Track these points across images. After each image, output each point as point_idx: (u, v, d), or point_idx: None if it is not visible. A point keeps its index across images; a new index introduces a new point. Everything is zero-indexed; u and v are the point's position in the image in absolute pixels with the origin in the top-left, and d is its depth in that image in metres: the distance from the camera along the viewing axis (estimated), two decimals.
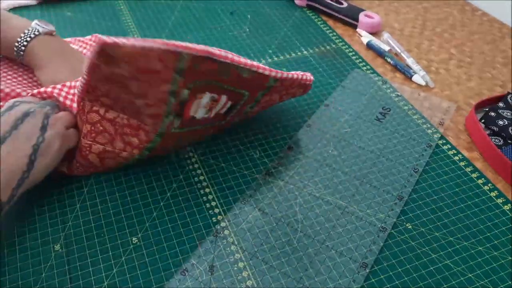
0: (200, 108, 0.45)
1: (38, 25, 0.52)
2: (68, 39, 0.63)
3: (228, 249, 0.42)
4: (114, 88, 0.41)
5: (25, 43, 0.51)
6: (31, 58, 0.52)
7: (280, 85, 0.48)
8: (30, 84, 0.55)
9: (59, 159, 0.44)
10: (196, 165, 0.50)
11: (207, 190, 0.48)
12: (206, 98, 0.44)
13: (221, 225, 0.44)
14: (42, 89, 0.48)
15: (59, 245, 0.42)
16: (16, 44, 0.52)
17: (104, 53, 0.37)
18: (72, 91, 0.49)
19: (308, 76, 0.51)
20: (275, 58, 0.67)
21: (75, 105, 0.47)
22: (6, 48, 0.53)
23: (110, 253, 0.42)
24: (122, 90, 0.40)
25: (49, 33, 0.53)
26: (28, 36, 0.51)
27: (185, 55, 0.38)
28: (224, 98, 0.46)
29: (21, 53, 0.52)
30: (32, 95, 0.48)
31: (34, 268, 0.40)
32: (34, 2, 0.77)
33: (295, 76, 0.49)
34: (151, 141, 0.44)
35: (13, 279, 0.39)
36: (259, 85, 0.46)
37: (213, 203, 0.46)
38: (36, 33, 0.52)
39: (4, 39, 0.52)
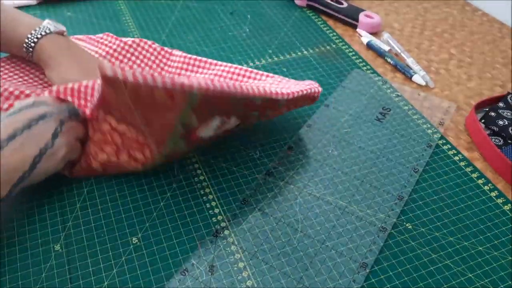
0: (209, 129, 0.45)
1: (50, 24, 0.52)
2: (79, 36, 0.63)
3: (228, 249, 0.42)
4: (124, 108, 0.40)
5: (35, 39, 0.51)
6: (41, 56, 0.52)
7: (290, 102, 0.49)
8: (37, 84, 0.55)
9: (59, 168, 0.44)
10: (196, 165, 0.50)
11: (207, 190, 0.48)
12: (216, 121, 0.44)
13: (221, 225, 0.44)
14: (54, 88, 0.48)
15: (59, 245, 0.42)
16: (26, 40, 0.51)
17: (108, 80, 0.36)
18: (83, 90, 0.48)
19: (316, 88, 0.51)
20: (275, 58, 0.67)
21: (87, 110, 0.47)
22: (16, 46, 0.52)
23: (110, 253, 0.42)
24: (130, 113, 0.40)
25: (60, 33, 0.53)
26: (39, 33, 0.51)
27: (196, 95, 0.37)
28: (233, 119, 0.46)
29: (30, 49, 0.52)
30: (49, 92, 0.48)
31: (34, 268, 0.40)
32: (34, 2, 0.77)
33: (305, 92, 0.49)
34: (155, 159, 0.44)
35: (13, 279, 0.39)
36: (270, 106, 0.47)
37: (213, 203, 0.46)
38: (47, 31, 0.51)
39: (14, 35, 0.52)
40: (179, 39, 0.71)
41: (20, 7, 0.76)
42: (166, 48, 0.63)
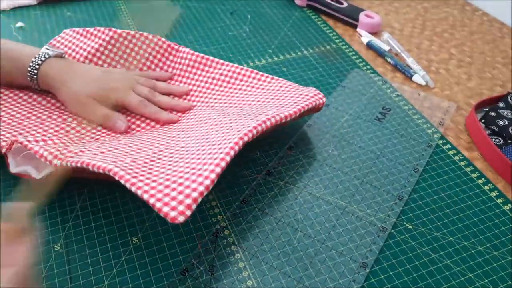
0: None
1: (48, 49, 0.53)
2: (78, 30, 0.62)
3: (228, 249, 0.42)
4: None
5: (36, 66, 0.52)
6: (46, 82, 0.53)
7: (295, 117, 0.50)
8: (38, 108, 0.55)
9: None
10: None
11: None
12: None
13: (221, 225, 0.44)
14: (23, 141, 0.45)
15: (59, 245, 0.42)
16: (29, 69, 0.52)
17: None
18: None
19: (320, 99, 0.52)
20: (275, 58, 0.67)
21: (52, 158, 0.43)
22: (20, 77, 0.53)
23: (110, 253, 0.42)
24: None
25: (59, 56, 0.54)
26: (39, 60, 0.52)
27: None
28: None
29: (35, 77, 0.52)
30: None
31: (34, 268, 0.40)
32: (34, 2, 0.77)
33: (310, 105, 0.50)
34: None
35: None
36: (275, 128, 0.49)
37: (213, 203, 0.46)
38: (46, 56, 0.52)
39: (17, 67, 0.53)
40: (179, 39, 0.71)
41: (20, 7, 0.76)
42: (174, 45, 0.63)
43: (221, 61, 0.59)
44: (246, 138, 0.43)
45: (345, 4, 0.76)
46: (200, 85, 0.59)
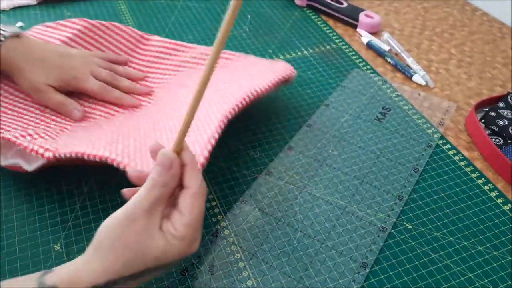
0: None
1: (2, 30, 0.51)
2: (49, 24, 0.61)
3: (228, 249, 0.42)
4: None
5: None
6: (5, 66, 0.51)
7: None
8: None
9: None
10: None
11: (207, 190, 0.47)
12: None
13: (221, 225, 0.44)
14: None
15: (59, 245, 0.42)
16: None
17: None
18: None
19: (288, 71, 0.53)
20: (275, 58, 0.67)
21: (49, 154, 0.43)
22: None
23: None
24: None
25: (15, 36, 0.51)
26: None
27: None
28: None
29: None
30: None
31: (34, 268, 0.40)
32: (34, 2, 0.77)
33: (275, 83, 0.50)
34: None
35: None
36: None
37: (213, 203, 0.46)
38: (2, 38, 0.50)
39: None
40: (179, 39, 0.71)
41: (20, 7, 0.76)
42: (145, 35, 0.64)
43: (190, 44, 0.61)
44: (222, 126, 0.44)
45: (345, 4, 0.76)
46: (173, 69, 0.60)
